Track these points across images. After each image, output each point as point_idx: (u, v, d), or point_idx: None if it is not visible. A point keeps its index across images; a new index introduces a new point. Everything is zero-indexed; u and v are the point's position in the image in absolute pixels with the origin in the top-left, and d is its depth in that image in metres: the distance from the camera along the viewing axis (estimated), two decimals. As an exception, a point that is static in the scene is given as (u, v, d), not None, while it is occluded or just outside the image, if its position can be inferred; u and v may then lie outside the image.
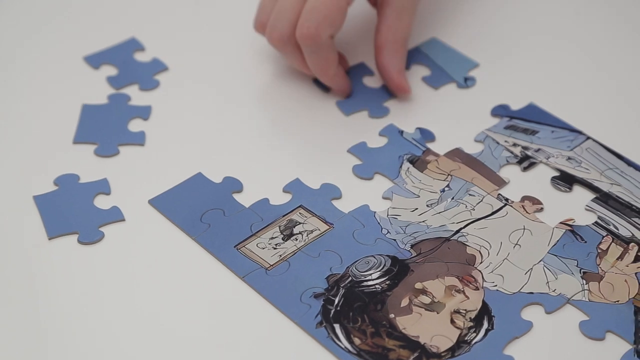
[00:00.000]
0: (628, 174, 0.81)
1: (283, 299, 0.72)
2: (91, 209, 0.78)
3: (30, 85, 0.89)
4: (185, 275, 0.74)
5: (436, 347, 0.70)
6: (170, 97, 0.88)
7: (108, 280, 0.73)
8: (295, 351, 0.70)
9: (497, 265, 0.74)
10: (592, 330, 0.71)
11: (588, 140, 0.84)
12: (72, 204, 0.78)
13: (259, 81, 0.89)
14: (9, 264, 0.74)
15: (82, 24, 0.94)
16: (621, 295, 0.73)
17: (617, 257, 0.75)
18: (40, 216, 0.77)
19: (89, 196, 0.79)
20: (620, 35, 0.94)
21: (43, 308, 0.72)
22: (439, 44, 0.93)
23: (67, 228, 0.76)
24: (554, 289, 0.73)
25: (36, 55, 0.91)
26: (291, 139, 0.84)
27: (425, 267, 0.74)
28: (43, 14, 0.95)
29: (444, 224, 0.77)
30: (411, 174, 0.81)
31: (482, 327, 0.71)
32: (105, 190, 0.79)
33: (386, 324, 0.71)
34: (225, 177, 0.80)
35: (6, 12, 0.95)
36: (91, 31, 0.93)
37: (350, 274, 0.74)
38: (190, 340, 0.70)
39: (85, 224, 0.77)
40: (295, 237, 0.76)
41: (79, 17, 0.95)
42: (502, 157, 0.82)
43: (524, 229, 0.77)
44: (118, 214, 0.77)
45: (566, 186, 0.80)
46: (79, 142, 0.83)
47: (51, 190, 0.79)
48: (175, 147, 0.83)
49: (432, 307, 0.72)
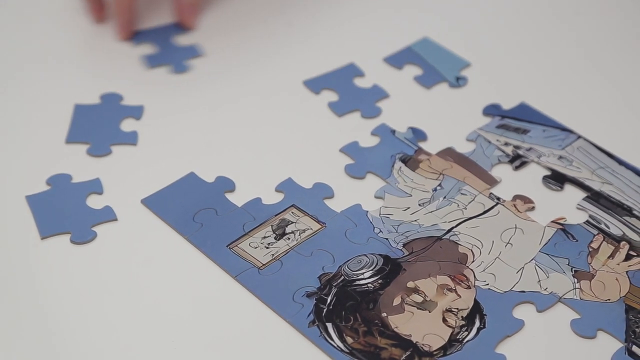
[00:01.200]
0: (619, 173, 0.81)
1: (275, 298, 0.72)
2: (84, 208, 0.78)
3: (22, 85, 0.89)
4: (178, 275, 0.74)
5: (428, 345, 0.70)
6: (162, 96, 0.88)
7: (101, 279, 0.73)
8: (288, 350, 0.70)
9: (489, 264, 0.74)
10: (583, 328, 0.71)
11: (579, 139, 0.84)
12: (65, 203, 0.78)
13: (253, 81, 0.89)
14: (1, 264, 0.74)
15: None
16: (612, 293, 0.73)
17: (609, 255, 0.75)
18: (33, 216, 0.77)
19: (81, 196, 0.79)
20: (612, 35, 0.94)
21: (35, 307, 0.72)
22: (430, 44, 0.93)
23: (59, 228, 0.76)
24: (545, 288, 0.73)
25: (32, 54, 0.91)
26: (283, 138, 0.84)
27: (418, 266, 0.74)
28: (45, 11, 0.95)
29: (436, 223, 0.77)
30: (403, 173, 0.81)
31: (474, 326, 0.71)
32: (97, 190, 0.79)
33: (378, 322, 0.71)
34: (218, 176, 0.80)
35: (4, 12, 0.96)
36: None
37: (342, 273, 0.74)
38: (182, 339, 0.70)
39: (77, 223, 0.77)
40: (287, 237, 0.76)
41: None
42: (493, 156, 0.82)
43: (515, 228, 0.77)
44: (110, 213, 0.77)
45: (557, 185, 0.80)
46: (72, 142, 0.83)
47: (43, 190, 0.79)
48: (167, 147, 0.83)
49: (424, 306, 0.72)
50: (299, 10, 0.96)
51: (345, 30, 0.94)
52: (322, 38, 0.93)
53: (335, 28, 0.95)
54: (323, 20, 0.95)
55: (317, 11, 0.96)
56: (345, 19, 0.96)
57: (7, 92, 0.88)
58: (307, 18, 0.95)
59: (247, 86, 0.89)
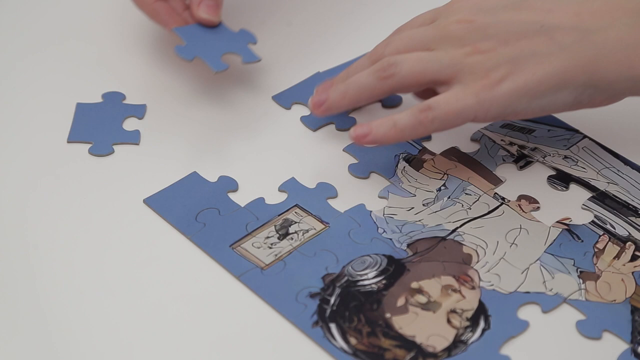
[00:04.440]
0: (625, 173, 0.81)
1: (279, 298, 0.72)
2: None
3: (23, 84, 0.88)
4: (180, 275, 0.74)
5: (432, 346, 0.69)
6: (165, 96, 0.87)
7: (103, 280, 0.73)
8: (291, 351, 0.70)
9: (494, 265, 0.74)
10: (588, 329, 0.71)
11: (584, 139, 0.83)
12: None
13: (255, 79, 0.89)
14: (1, 265, 0.74)
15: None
16: (618, 294, 0.73)
17: (614, 256, 0.75)
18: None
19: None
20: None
21: (36, 308, 0.71)
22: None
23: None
24: (550, 289, 0.73)
25: (32, 53, 0.91)
26: (287, 137, 0.84)
27: (422, 266, 0.74)
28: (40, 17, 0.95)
29: (440, 223, 0.77)
30: (407, 173, 0.81)
31: (478, 327, 0.71)
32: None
33: (382, 323, 0.71)
34: (221, 176, 0.80)
35: (5, 10, 0.95)
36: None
37: (346, 273, 0.73)
38: (185, 339, 0.70)
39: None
40: (290, 237, 0.76)
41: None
42: (498, 156, 0.82)
43: (520, 228, 0.77)
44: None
45: (563, 185, 0.80)
46: (73, 141, 0.83)
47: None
48: (170, 146, 0.83)
49: (429, 307, 0.72)
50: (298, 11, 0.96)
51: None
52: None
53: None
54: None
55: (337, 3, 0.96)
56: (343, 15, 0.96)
57: (8, 91, 0.88)
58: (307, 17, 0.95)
59: (252, 83, 0.88)
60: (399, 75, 0.77)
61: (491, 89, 0.74)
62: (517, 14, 0.76)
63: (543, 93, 0.74)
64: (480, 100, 0.74)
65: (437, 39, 0.77)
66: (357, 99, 0.79)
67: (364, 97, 0.79)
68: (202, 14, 0.85)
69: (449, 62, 0.76)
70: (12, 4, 0.96)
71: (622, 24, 0.73)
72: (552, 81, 0.73)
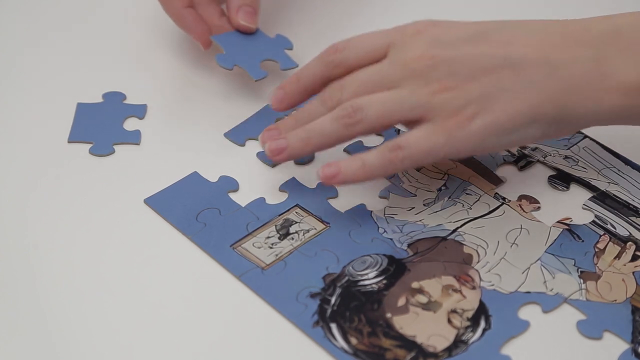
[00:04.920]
0: (625, 173, 0.81)
1: (279, 298, 0.72)
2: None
3: (24, 84, 0.88)
4: (181, 275, 0.74)
5: (433, 346, 0.69)
6: (166, 96, 0.87)
7: (103, 280, 0.73)
8: (292, 351, 0.70)
9: (494, 265, 0.74)
10: (589, 329, 0.71)
11: (585, 139, 0.83)
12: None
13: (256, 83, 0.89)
14: (2, 267, 0.74)
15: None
16: (618, 294, 0.73)
17: (615, 256, 0.75)
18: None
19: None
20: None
21: (36, 308, 0.71)
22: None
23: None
24: (551, 288, 0.73)
25: (32, 53, 0.91)
26: (287, 137, 0.84)
27: (422, 266, 0.74)
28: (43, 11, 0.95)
29: (441, 223, 0.77)
30: (408, 173, 0.81)
31: (479, 327, 0.70)
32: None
33: (383, 323, 0.71)
34: (221, 176, 0.80)
35: (5, 9, 0.95)
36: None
37: (346, 273, 0.73)
38: (185, 339, 0.70)
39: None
40: (291, 237, 0.76)
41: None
42: (498, 156, 0.82)
43: (521, 228, 0.77)
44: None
45: (563, 185, 0.80)
46: (74, 141, 0.83)
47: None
48: (170, 146, 0.83)
49: (429, 307, 0.71)
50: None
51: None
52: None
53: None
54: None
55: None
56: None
57: (8, 90, 0.88)
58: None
59: (252, 83, 0.88)
60: (366, 120, 0.74)
61: (462, 128, 0.73)
62: (477, 47, 0.74)
63: (513, 129, 0.73)
64: (451, 138, 0.73)
65: (399, 78, 0.74)
66: (321, 146, 0.76)
67: (328, 144, 0.76)
68: (241, 21, 0.86)
69: (417, 102, 0.73)
70: (12, 3, 0.95)
71: (585, 58, 0.72)
72: (523, 118, 0.72)
